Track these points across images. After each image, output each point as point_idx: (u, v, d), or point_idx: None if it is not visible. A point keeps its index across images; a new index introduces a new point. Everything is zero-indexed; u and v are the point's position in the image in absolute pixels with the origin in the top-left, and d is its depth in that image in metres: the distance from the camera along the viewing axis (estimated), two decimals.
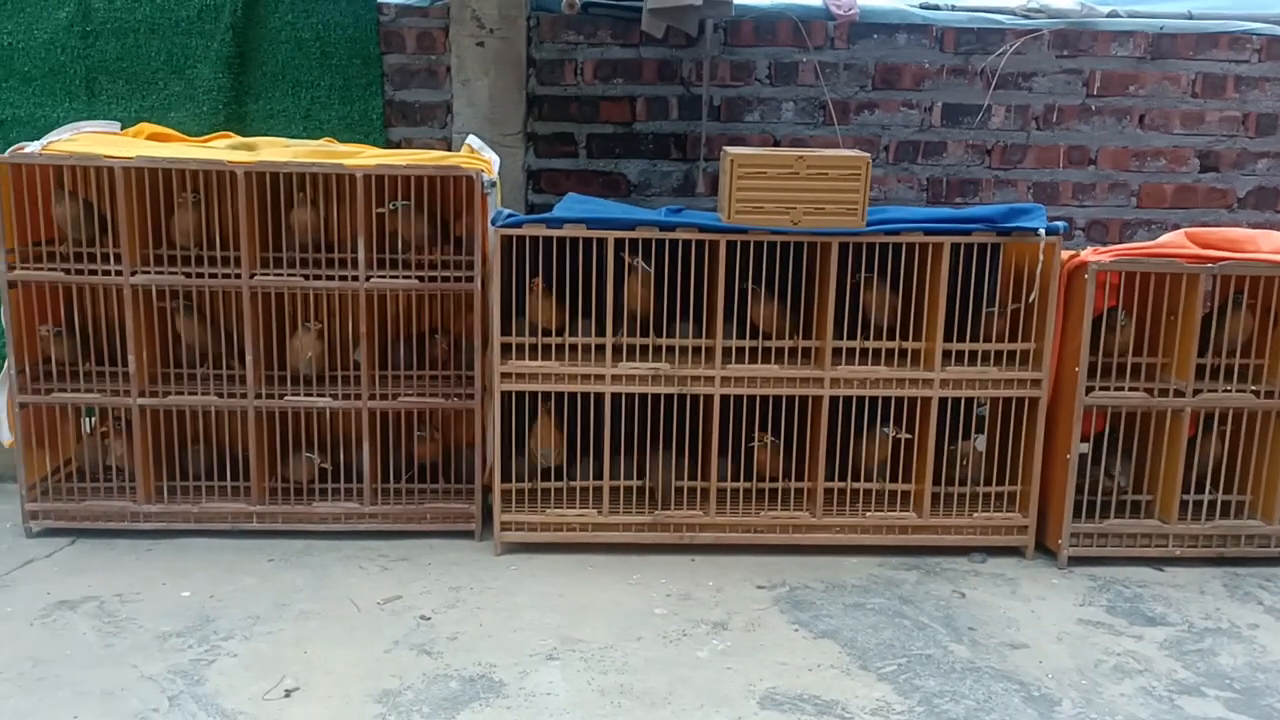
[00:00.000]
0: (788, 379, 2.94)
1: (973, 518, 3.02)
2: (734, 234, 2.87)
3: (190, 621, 2.57)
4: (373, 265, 2.99)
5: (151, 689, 2.27)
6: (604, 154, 3.74)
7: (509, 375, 2.92)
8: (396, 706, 2.23)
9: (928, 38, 3.68)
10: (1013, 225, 2.87)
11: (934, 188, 3.78)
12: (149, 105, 3.54)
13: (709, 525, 3.01)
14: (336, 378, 3.12)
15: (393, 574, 2.87)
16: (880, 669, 2.42)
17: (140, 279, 2.93)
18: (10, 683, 2.28)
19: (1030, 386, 2.96)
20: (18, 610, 2.61)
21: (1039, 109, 3.74)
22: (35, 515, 3.03)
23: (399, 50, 3.63)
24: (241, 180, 2.88)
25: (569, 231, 2.87)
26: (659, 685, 2.33)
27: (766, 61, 3.68)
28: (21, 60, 3.49)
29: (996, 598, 2.80)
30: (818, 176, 2.80)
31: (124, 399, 2.99)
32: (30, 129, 3.50)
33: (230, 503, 3.07)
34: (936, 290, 2.89)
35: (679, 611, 2.68)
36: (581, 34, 3.65)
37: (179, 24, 3.51)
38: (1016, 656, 2.49)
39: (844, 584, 2.85)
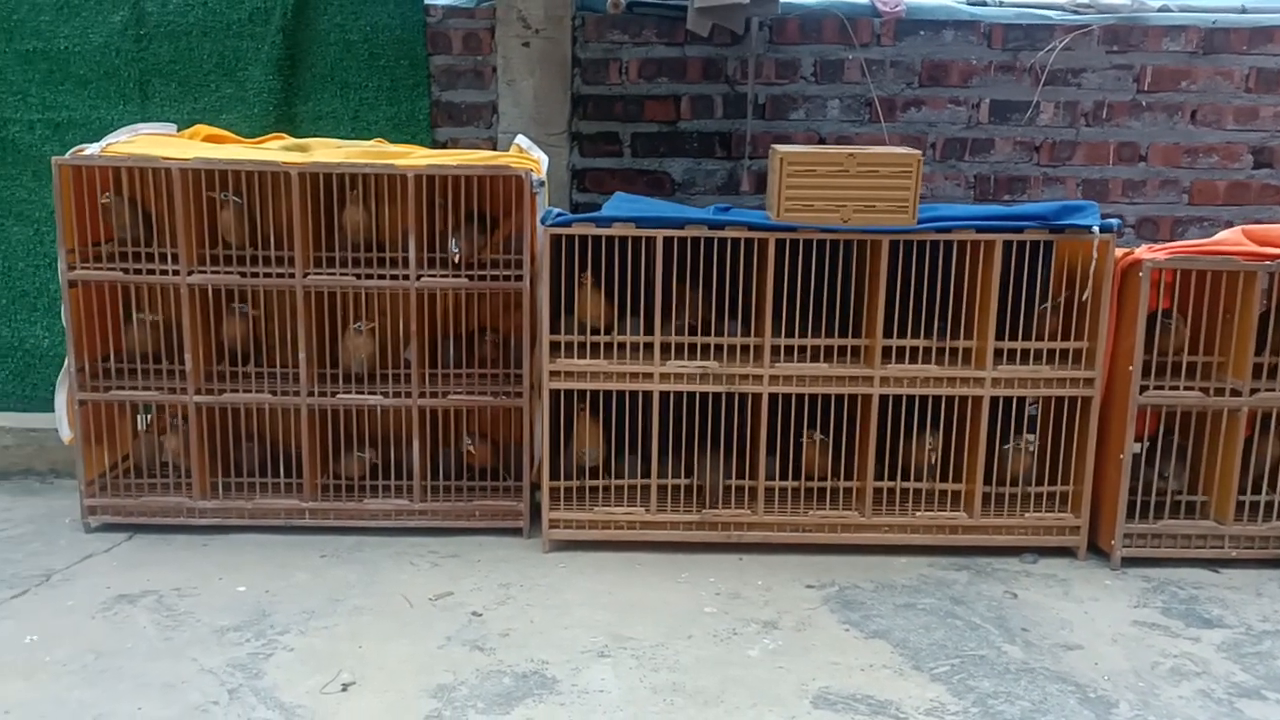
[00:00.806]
0: (837, 377, 2.93)
1: (1024, 518, 3.00)
2: (783, 232, 2.86)
3: (247, 616, 2.61)
4: (423, 264, 3.02)
5: (211, 682, 2.31)
6: (648, 153, 3.75)
7: (558, 373, 2.94)
8: (451, 701, 2.25)
9: (975, 34, 3.66)
10: (1066, 223, 2.84)
11: (981, 185, 3.75)
12: (201, 107, 3.60)
13: (757, 524, 3.00)
14: (387, 376, 3.15)
15: (443, 570, 2.90)
16: (933, 669, 2.41)
17: (196, 278, 2.98)
18: (74, 674, 2.33)
19: (1083, 386, 2.93)
20: (79, 604, 2.66)
21: (1088, 105, 3.70)
22: (94, 510, 3.09)
23: (445, 51, 3.65)
24: (295, 181, 2.91)
25: (618, 230, 2.88)
26: (711, 684, 2.33)
27: (812, 59, 3.68)
28: (77, 63, 3.56)
29: (1049, 599, 2.78)
30: (868, 174, 2.79)
31: (181, 396, 3.03)
32: (85, 131, 3.56)
33: (283, 499, 3.10)
34: (988, 288, 2.86)
35: (728, 610, 2.68)
36: (626, 33, 3.66)
37: (230, 27, 3.56)
38: (1071, 658, 2.47)
39: (894, 584, 2.84)
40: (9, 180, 3.62)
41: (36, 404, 3.69)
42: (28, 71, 3.55)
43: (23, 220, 3.64)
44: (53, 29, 3.53)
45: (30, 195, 3.62)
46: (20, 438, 3.54)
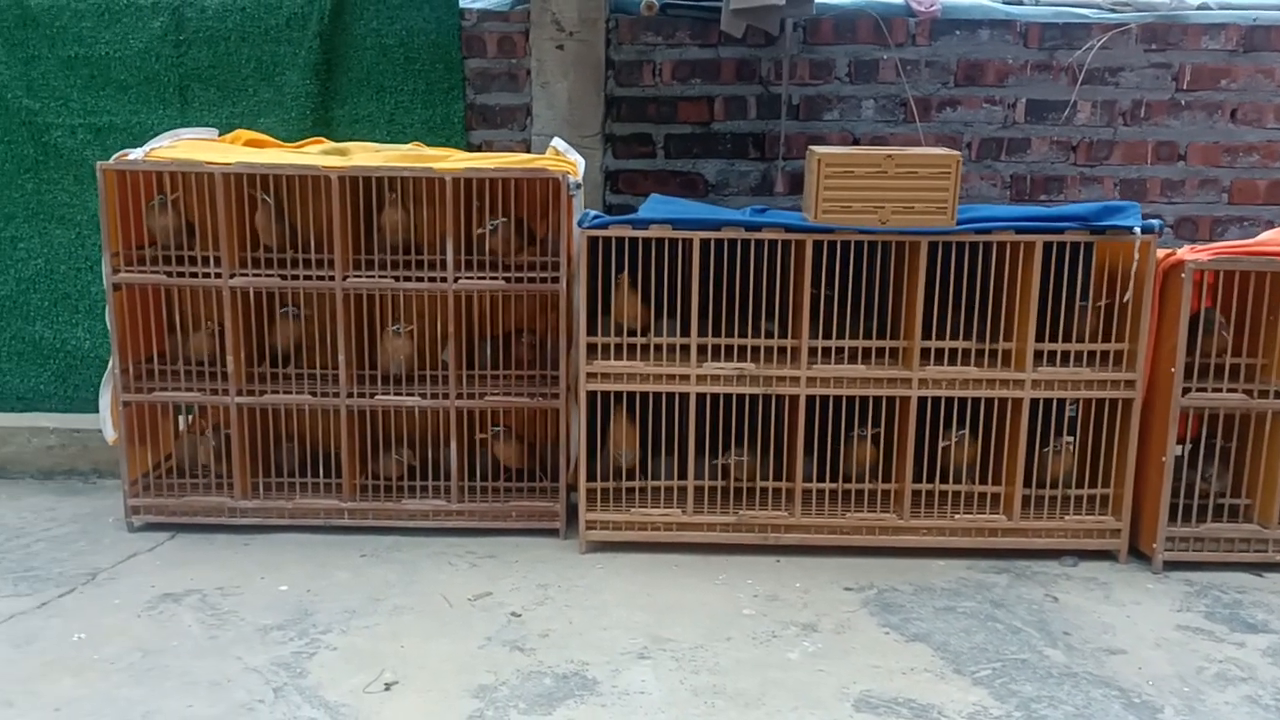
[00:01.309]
0: (875, 379, 2.92)
1: (1064, 520, 2.98)
2: (820, 234, 2.86)
3: (289, 615, 2.63)
4: (461, 267, 3.03)
5: (256, 680, 2.34)
6: (682, 154, 3.75)
7: (595, 375, 2.95)
8: (494, 702, 2.26)
9: (1011, 33, 3.64)
10: (1107, 224, 2.82)
11: (1017, 185, 3.73)
12: (239, 111, 3.63)
13: (794, 526, 3.00)
14: (425, 377, 3.17)
15: (481, 571, 2.91)
16: (975, 673, 2.40)
17: (238, 281, 3.01)
18: (122, 672, 2.36)
19: (1124, 388, 2.90)
20: (125, 602, 2.69)
21: (1126, 104, 3.67)
22: (137, 510, 3.13)
23: (480, 54, 3.67)
24: (335, 185, 2.94)
25: (655, 232, 2.89)
26: (751, 686, 2.34)
27: (846, 59, 3.67)
28: (118, 69, 3.60)
29: (1090, 602, 2.76)
30: (907, 175, 2.78)
31: (222, 398, 3.07)
32: (126, 136, 3.61)
33: (322, 499, 3.13)
34: (1028, 290, 2.85)
35: (767, 612, 2.68)
36: (660, 35, 3.67)
37: (268, 32, 3.59)
38: (1114, 662, 2.46)
39: (933, 587, 2.83)
40: (51, 184, 3.67)
41: (78, 405, 3.74)
42: (69, 77, 3.60)
43: (65, 224, 3.69)
44: (94, 35, 3.58)
45: (72, 199, 3.67)
46: (64, 438, 3.59)
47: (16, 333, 3.74)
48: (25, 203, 3.67)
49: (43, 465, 3.60)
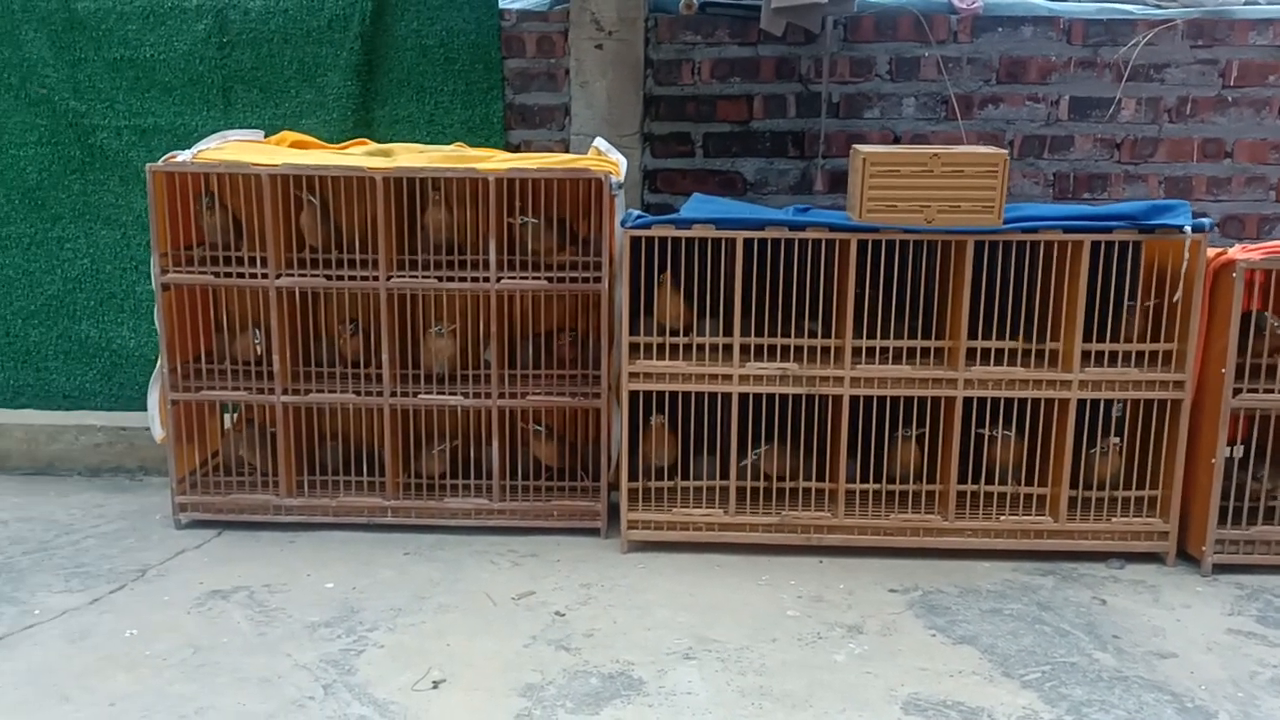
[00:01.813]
0: (919, 380, 2.91)
1: (1110, 523, 2.95)
2: (865, 233, 2.84)
3: (336, 612, 2.66)
4: (503, 267, 3.05)
5: (306, 677, 2.36)
6: (720, 153, 3.74)
7: (637, 375, 2.95)
8: (541, 701, 2.27)
9: (1055, 30, 3.60)
10: (1156, 223, 2.79)
11: (1060, 183, 3.70)
12: (282, 113, 3.66)
13: (837, 527, 2.99)
14: (467, 376, 3.18)
15: (523, 569, 2.92)
16: (1024, 676, 2.38)
17: (284, 281, 3.04)
18: (174, 668, 2.39)
19: (1173, 388, 2.87)
20: (174, 599, 2.73)
21: (1171, 101, 3.63)
22: (184, 508, 3.17)
23: (519, 54, 3.68)
24: (380, 186, 2.95)
25: (698, 232, 2.88)
26: (798, 688, 2.33)
27: (887, 57, 3.65)
28: (162, 71, 3.64)
29: (1139, 605, 2.73)
30: (953, 174, 2.77)
31: (268, 396, 3.10)
32: (170, 137, 3.65)
33: (365, 497, 3.16)
34: (1075, 290, 2.82)
35: (811, 614, 2.67)
36: (699, 34, 3.66)
37: (310, 34, 3.61)
38: (1165, 666, 2.43)
39: (979, 589, 2.81)
40: (97, 185, 3.71)
41: (123, 402, 3.79)
42: (115, 79, 3.64)
43: (110, 224, 3.73)
44: (139, 37, 3.62)
45: (117, 200, 3.71)
46: (111, 435, 3.64)
47: (63, 331, 3.79)
48: (72, 203, 3.72)
49: (90, 462, 3.66)
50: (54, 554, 2.99)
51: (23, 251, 3.74)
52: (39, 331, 3.78)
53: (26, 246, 3.73)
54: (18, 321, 3.78)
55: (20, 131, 3.66)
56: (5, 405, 3.82)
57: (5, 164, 3.68)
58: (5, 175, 3.69)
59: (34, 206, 3.71)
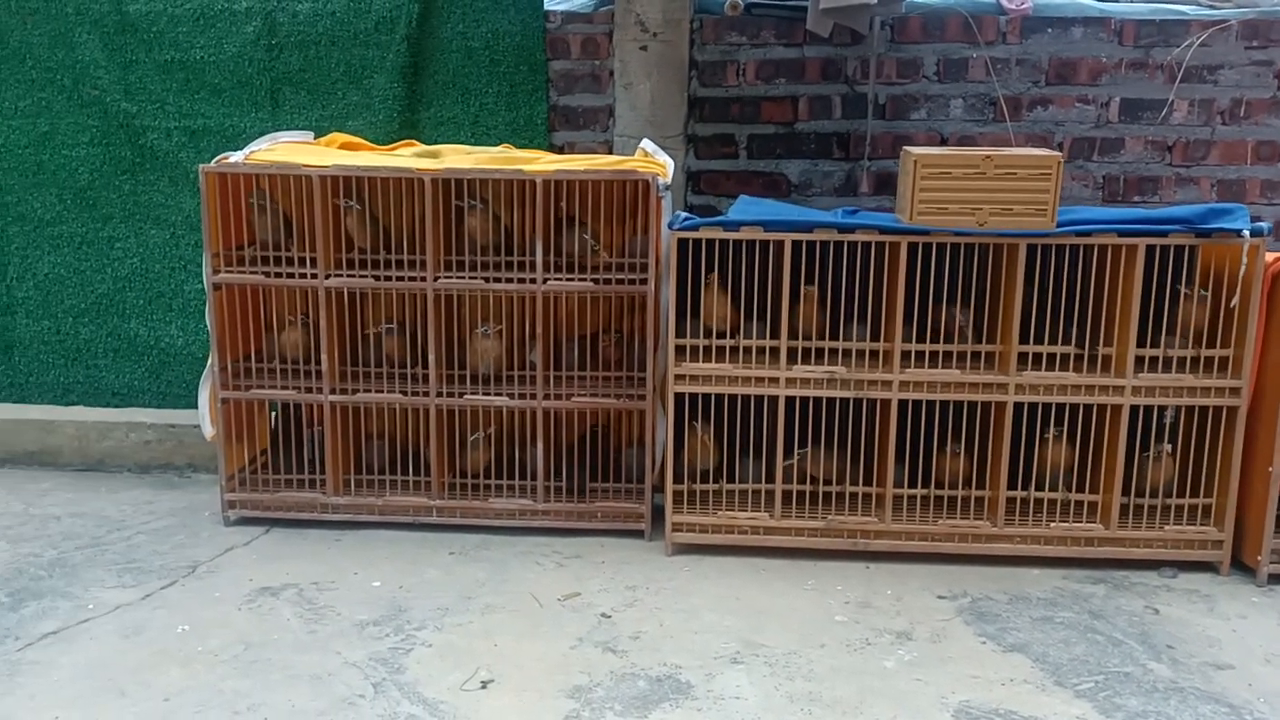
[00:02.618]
0: (970, 384, 2.88)
1: (1163, 531, 2.91)
2: (915, 235, 2.82)
3: (384, 611, 2.67)
4: (549, 268, 3.05)
5: (356, 675, 2.37)
6: (765, 154, 3.73)
7: (682, 376, 2.94)
8: (589, 703, 2.27)
9: (1106, 31, 3.56)
10: (1213, 226, 2.74)
11: (1110, 186, 3.65)
12: (329, 114, 3.69)
13: (884, 532, 2.97)
14: (513, 377, 3.19)
15: (568, 570, 2.93)
16: (1077, 686, 2.35)
17: (333, 281, 3.06)
18: (226, 664, 2.42)
19: (1228, 395, 2.83)
20: (225, 595, 2.75)
21: (1225, 103, 3.57)
22: (233, 505, 3.20)
23: (564, 56, 3.69)
24: (428, 187, 2.97)
25: (746, 234, 2.87)
26: (848, 694, 2.32)
27: (935, 58, 3.62)
28: (212, 73, 3.68)
29: (1193, 615, 2.69)
30: (1005, 176, 2.74)
31: (316, 395, 3.12)
32: (219, 139, 3.68)
33: (411, 496, 3.17)
34: (1129, 294, 2.79)
35: (860, 619, 2.66)
36: (744, 35, 3.65)
37: (357, 36, 3.64)
38: (1222, 678, 2.39)
39: (1029, 596, 2.78)
40: (147, 186, 3.76)
41: (171, 400, 3.84)
42: (166, 81, 3.69)
43: (160, 224, 3.78)
44: (190, 40, 3.66)
45: (167, 200, 3.76)
46: (160, 433, 3.69)
47: (113, 330, 3.84)
48: (122, 204, 3.77)
49: (140, 459, 3.70)
50: (106, 550, 3.03)
51: (74, 251, 3.79)
52: (89, 330, 3.84)
53: (78, 246, 3.79)
54: (69, 320, 3.83)
55: (73, 132, 3.72)
56: (56, 402, 3.88)
57: (58, 164, 3.73)
58: (58, 176, 3.74)
59: (85, 206, 3.77)
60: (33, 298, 3.83)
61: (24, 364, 3.87)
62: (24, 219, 3.78)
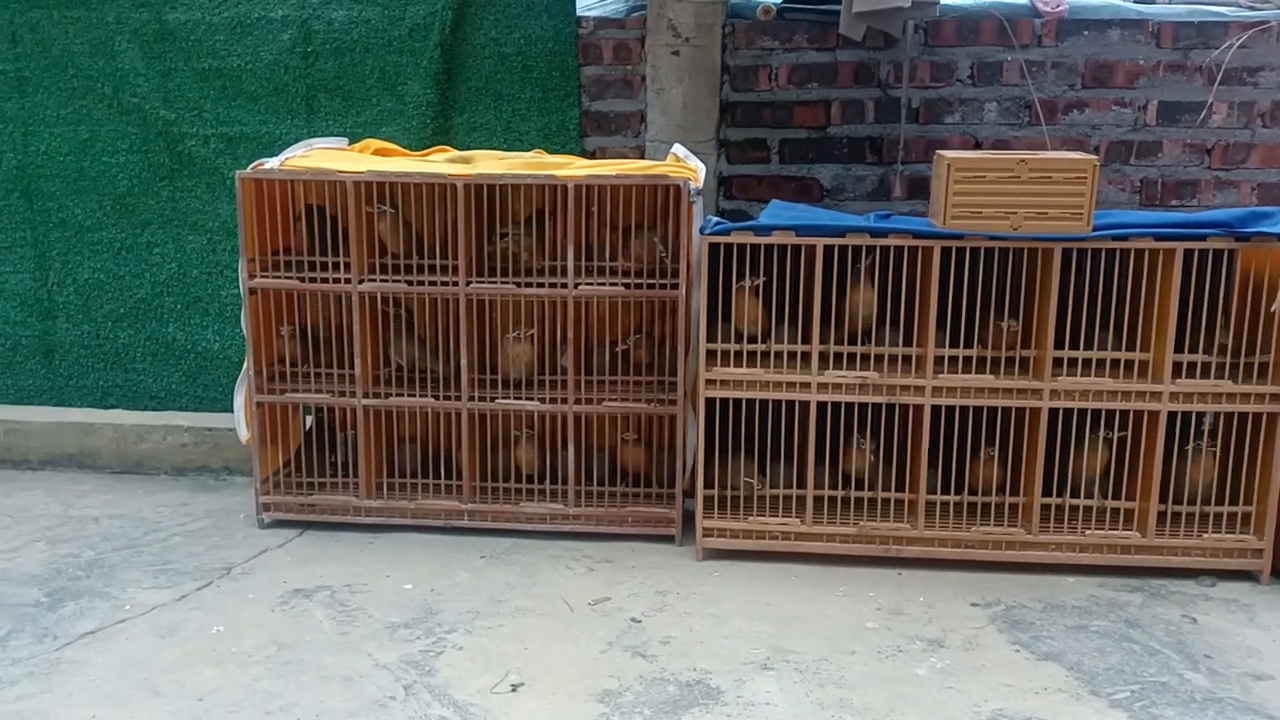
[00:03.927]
0: (1004, 390, 2.85)
1: (1201, 539, 2.87)
2: (949, 240, 2.80)
3: (415, 613, 2.69)
4: (580, 273, 3.06)
5: (387, 677, 2.39)
6: (797, 159, 3.71)
7: (714, 381, 2.94)
8: (619, 707, 2.27)
9: (1143, 33, 3.52)
10: (1253, 230, 2.70)
11: (1147, 189, 3.60)
12: (363, 120, 3.72)
13: (916, 539, 2.95)
14: (544, 382, 3.20)
15: (598, 575, 2.93)
16: (1112, 695, 2.32)
17: (366, 286, 3.08)
18: (260, 665, 2.44)
19: (1269, 401, 2.78)
20: (259, 597, 2.78)
21: (1266, 105, 3.51)
22: (267, 507, 3.23)
23: (596, 62, 3.70)
24: (461, 192, 2.99)
25: (777, 239, 2.87)
26: (879, 702, 2.30)
27: (969, 61, 3.59)
28: (249, 80, 3.72)
29: (1232, 625, 2.65)
30: (1040, 180, 2.71)
31: (349, 399, 3.15)
32: (256, 145, 3.73)
33: (443, 500, 3.19)
34: (1167, 299, 2.75)
35: (891, 626, 2.64)
36: (776, 39, 3.64)
37: (391, 43, 3.67)
38: (1262, 689, 2.35)
39: (1063, 604, 2.75)
40: (185, 192, 3.81)
41: (207, 404, 3.88)
42: (203, 88, 3.74)
43: (197, 230, 3.83)
44: (227, 48, 3.71)
45: (204, 206, 3.81)
46: (197, 436, 3.73)
47: (151, 334, 3.89)
48: (160, 209, 3.82)
49: (176, 462, 3.75)
50: (143, 551, 3.07)
51: (113, 256, 3.85)
52: (128, 334, 3.89)
53: (117, 251, 3.85)
54: (108, 324, 3.89)
55: (112, 140, 3.78)
56: (95, 405, 3.94)
57: (98, 171, 3.79)
58: (98, 182, 3.80)
59: (124, 212, 3.82)
60: (73, 302, 3.89)
61: (64, 368, 3.94)
62: (65, 225, 3.84)
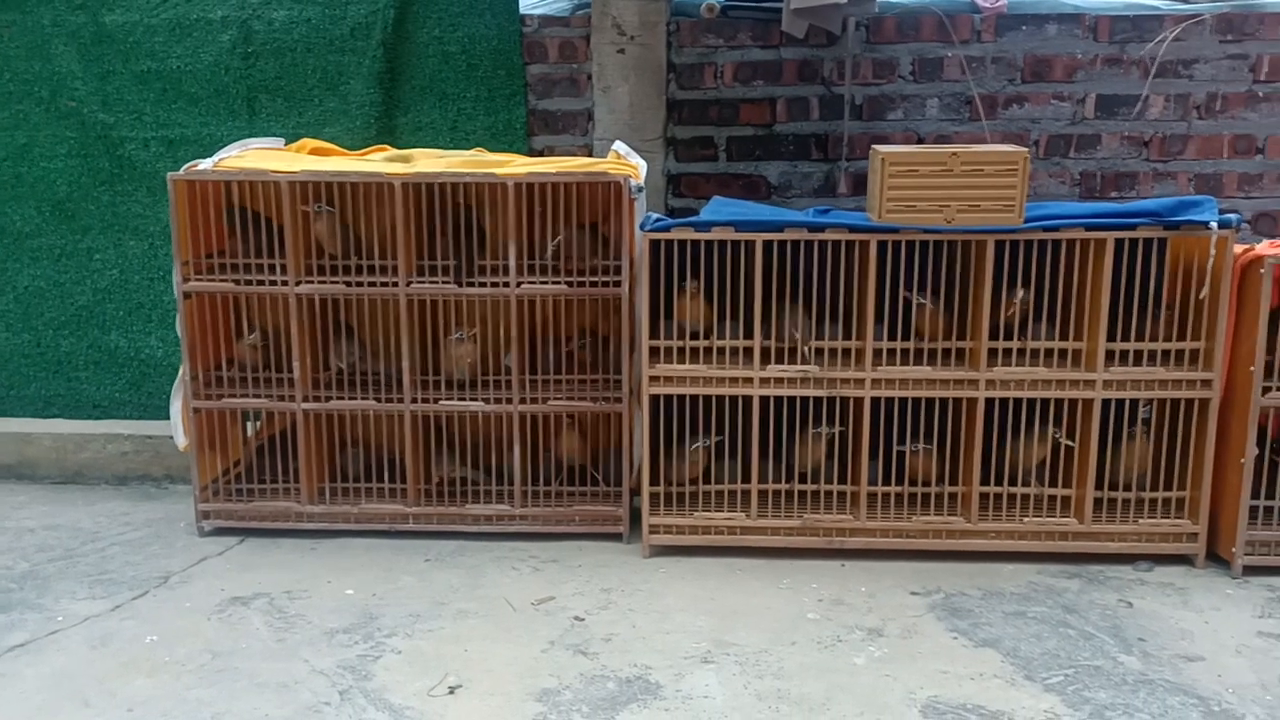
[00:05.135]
0: (941, 381, 2.87)
1: (1138, 524, 2.90)
2: (885, 234, 2.82)
3: (355, 618, 2.66)
4: (523, 271, 3.05)
5: (323, 683, 2.36)
6: (744, 156, 3.73)
7: (657, 378, 2.94)
8: (557, 706, 2.26)
9: (1080, 27, 3.56)
10: (1181, 219, 2.74)
11: (1087, 182, 3.64)
12: (305, 121, 3.70)
13: (859, 530, 2.96)
14: (488, 382, 3.19)
15: (544, 575, 2.92)
16: (1046, 679, 2.34)
17: (304, 288, 3.06)
18: (192, 674, 2.41)
19: (1200, 387, 2.82)
20: (196, 605, 2.75)
21: (1201, 97, 3.57)
22: (207, 515, 3.19)
23: (541, 60, 3.69)
24: (399, 192, 2.97)
25: (717, 235, 2.87)
26: (816, 691, 2.30)
27: (910, 58, 3.61)
28: (189, 82, 3.69)
29: (1166, 608, 2.68)
30: (973, 173, 2.73)
31: (289, 404, 3.12)
32: (197, 148, 3.69)
33: (387, 504, 3.17)
34: (1099, 288, 2.78)
35: (832, 617, 2.64)
36: (721, 37, 3.65)
37: (333, 43, 3.65)
38: (1192, 670, 2.38)
39: (1002, 591, 2.77)
40: (125, 196, 3.76)
41: (151, 412, 3.83)
42: (143, 91, 3.69)
43: (138, 235, 3.78)
44: (166, 50, 3.67)
45: (145, 210, 3.76)
46: (138, 444, 3.68)
47: (93, 342, 3.84)
48: (101, 215, 3.77)
49: (117, 471, 3.70)
50: (79, 561, 3.03)
51: (53, 263, 3.80)
52: (69, 342, 3.84)
53: (57, 258, 3.79)
54: (49, 332, 3.84)
55: (50, 144, 3.73)
56: (37, 414, 3.88)
57: (36, 176, 3.74)
58: (36, 188, 3.75)
59: (64, 218, 3.77)
60: (12, 310, 3.83)
61: (4, 377, 3.88)
62: (3, 232, 3.79)
